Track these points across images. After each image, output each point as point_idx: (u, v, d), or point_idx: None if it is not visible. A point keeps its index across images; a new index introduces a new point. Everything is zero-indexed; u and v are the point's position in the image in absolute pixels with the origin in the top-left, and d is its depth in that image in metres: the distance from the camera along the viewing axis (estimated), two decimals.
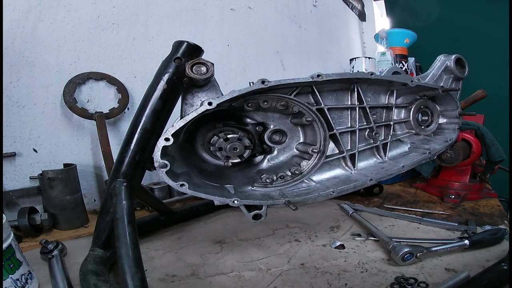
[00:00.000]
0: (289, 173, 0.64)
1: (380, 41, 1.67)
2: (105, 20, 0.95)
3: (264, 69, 1.44)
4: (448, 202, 0.92)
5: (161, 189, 0.96)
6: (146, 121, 0.54)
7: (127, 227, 0.47)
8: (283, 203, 0.57)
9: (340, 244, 0.67)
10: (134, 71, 1.02)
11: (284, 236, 0.72)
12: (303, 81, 0.57)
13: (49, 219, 0.74)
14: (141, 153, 0.55)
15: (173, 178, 0.51)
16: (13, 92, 0.81)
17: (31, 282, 0.50)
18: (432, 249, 0.59)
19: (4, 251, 0.46)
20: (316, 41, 1.77)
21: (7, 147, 0.81)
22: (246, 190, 0.61)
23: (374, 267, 0.58)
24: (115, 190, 0.53)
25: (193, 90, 0.55)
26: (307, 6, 1.71)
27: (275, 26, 1.50)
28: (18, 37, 0.81)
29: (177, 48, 0.54)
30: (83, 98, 0.92)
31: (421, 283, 0.52)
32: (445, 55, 0.81)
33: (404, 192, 1.05)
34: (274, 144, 0.66)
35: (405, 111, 0.79)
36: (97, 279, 0.48)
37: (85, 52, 0.92)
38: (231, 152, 0.60)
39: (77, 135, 0.93)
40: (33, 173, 0.83)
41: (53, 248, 0.60)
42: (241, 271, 0.58)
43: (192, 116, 0.51)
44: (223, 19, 1.27)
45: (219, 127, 0.62)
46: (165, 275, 0.57)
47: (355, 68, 1.60)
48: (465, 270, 0.52)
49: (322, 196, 0.61)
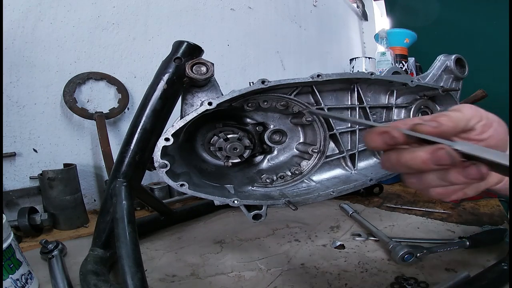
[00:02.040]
0: (289, 173, 0.64)
1: (380, 41, 1.67)
2: (105, 20, 0.95)
3: (264, 69, 1.44)
4: (448, 202, 0.92)
5: (161, 189, 0.96)
6: (146, 121, 0.54)
7: (127, 227, 0.47)
8: (283, 203, 0.57)
9: (340, 244, 0.67)
10: (134, 71, 1.02)
11: (284, 236, 0.72)
12: (303, 81, 0.57)
13: (49, 219, 0.74)
14: (141, 153, 0.55)
15: (173, 178, 0.51)
16: (13, 92, 0.81)
17: (31, 282, 0.50)
18: (432, 249, 0.59)
19: (4, 251, 0.46)
20: (316, 41, 1.77)
21: (7, 147, 0.81)
22: (246, 190, 0.61)
23: (374, 267, 0.58)
24: (115, 190, 0.53)
25: (193, 90, 0.55)
26: (307, 6, 1.71)
27: (275, 26, 1.50)
28: (18, 37, 0.81)
29: (177, 48, 0.54)
30: (83, 98, 0.92)
31: (421, 283, 0.52)
32: (445, 55, 0.81)
33: (404, 192, 1.05)
34: (274, 144, 0.66)
35: (405, 111, 0.78)
36: (97, 279, 0.48)
37: (85, 52, 0.92)
38: (231, 152, 0.60)
39: (77, 135, 0.93)
40: (33, 173, 0.83)
41: (53, 248, 0.60)
42: (241, 271, 0.58)
43: (192, 116, 0.51)
44: (223, 19, 1.27)
45: (219, 127, 0.62)
46: (165, 275, 0.57)
47: (355, 68, 1.59)
48: (465, 270, 0.52)
49: (322, 196, 0.61)
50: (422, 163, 0.26)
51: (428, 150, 0.26)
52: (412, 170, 0.28)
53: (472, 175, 0.25)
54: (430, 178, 0.27)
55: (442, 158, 0.25)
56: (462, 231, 0.72)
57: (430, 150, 0.26)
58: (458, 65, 0.81)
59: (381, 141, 0.28)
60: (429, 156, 0.26)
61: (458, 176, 0.26)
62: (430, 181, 0.28)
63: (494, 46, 1.82)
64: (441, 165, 0.25)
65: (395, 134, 0.27)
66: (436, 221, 0.79)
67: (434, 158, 0.25)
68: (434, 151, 0.25)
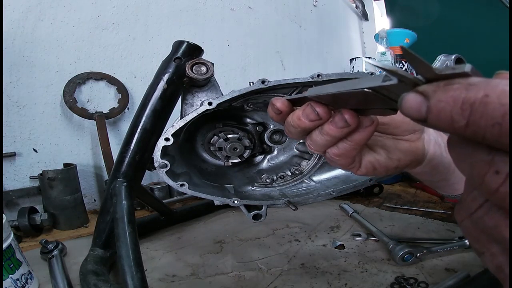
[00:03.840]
0: (289, 173, 0.64)
1: (380, 41, 1.67)
2: (105, 20, 0.95)
3: (264, 69, 1.44)
4: (448, 202, 0.92)
5: (161, 189, 0.96)
6: (146, 121, 0.54)
7: (127, 227, 0.47)
8: (283, 203, 0.57)
9: (340, 244, 0.67)
10: (134, 71, 1.02)
11: (284, 236, 0.72)
12: (303, 81, 0.56)
13: (49, 219, 0.74)
14: (141, 153, 0.55)
15: (173, 178, 0.51)
16: (13, 92, 0.81)
17: (31, 282, 0.50)
18: (432, 249, 0.59)
19: (4, 251, 0.46)
20: (316, 41, 1.77)
21: (7, 147, 0.81)
22: (246, 190, 0.61)
23: (374, 267, 0.58)
24: (115, 190, 0.53)
25: (193, 90, 0.55)
26: (307, 6, 1.71)
27: (275, 26, 1.50)
28: (18, 37, 0.81)
29: (177, 48, 0.54)
30: (83, 98, 0.92)
31: (421, 283, 0.52)
32: (445, 55, 0.81)
33: (404, 192, 1.05)
34: (274, 144, 0.66)
35: None
36: (97, 279, 0.48)
37: (85, 52, 0.92)
38: (231, 152, 0.60)
39: (77, 135, 0.93)
40: (33, 173, 0.83)
41: (53, 248, 0.60)
42: (241, 271, 0.58)
43: (192, 116, 0.51)
44: (223, 19, 1.27)
45: (219, 127, 0.62)
46: (165, 275, 0.57)
47: (355, 68, 1.60)
48: (465, 270, 0.52)
49: (322, 196, 0.61)
50: (297, 119, 0.29)
51: (301, 108, 0.29)
52: (298, 130, 0.30)
53: (338, 123, 0.27)
54: (315, 134, 0.30)
55: (308, 111, 0.28)
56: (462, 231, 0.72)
57: (302, 107, 0.29)
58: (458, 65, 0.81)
59: (271, 111, 0.31)
60: (300, 112, 0.29)
61: (329, 127, 0.28)
62: (315, 138, 0.30)
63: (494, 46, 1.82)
64: (312, 119, 0.28)
65: (277, 103, 0.31)
66: (436, 221, 0.79)
67: (304, 113, 0.29)
68: (304, 107, 0.29)
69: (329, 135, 0.29)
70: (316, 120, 0.28)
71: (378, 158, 0.35)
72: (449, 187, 0.46)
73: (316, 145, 0.31)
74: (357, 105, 0.26)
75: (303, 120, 0.29)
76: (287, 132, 0.32)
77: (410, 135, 0.36)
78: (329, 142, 0.30)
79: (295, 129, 0.30)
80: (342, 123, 0.27)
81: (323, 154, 0.32)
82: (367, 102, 0.23)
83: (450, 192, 0.48)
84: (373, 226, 0.72)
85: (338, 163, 0.32)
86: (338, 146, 0.30)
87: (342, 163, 0.32)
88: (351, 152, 0.31)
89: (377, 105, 0.23)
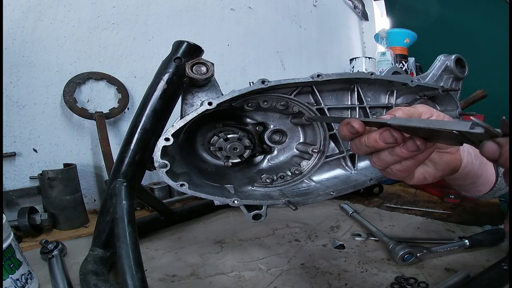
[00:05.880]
0: (289, 173, 0.64)
1: (380, 41, 1.67)
2: (105, 20, 0.95)
3: (264, 69, 1.44)
4: (448, 202, 0.92)
5: (161, 189, 0.96)
6: (146, 121, 0.54)
7: (127, 227, 0.47)
8: (283, 203, 0.57)
9: (340, 244, 0.67)
10: (134, 71, 1.02)
11: (284, 236, 0.72)
12: (303, 81, 0.57)
13: (49, 219, 0.74)
14: (141, 153, 0.55)
15: (173, 178, 0.51)
16: (13, 92, 0.81)
17: (31, 282, 0.50)
18: (432, 249, 0.59)
19: (4, 251, 0.46)
20: (316, 41, 1.77)
21: (7, 147, 0.81)
22: (246, 190, 0.61)
23: (374, 267, 0.58)
24: (115, 190, 0.53)
25: (193, 90, 0.55)
26: (307, 6, 1.71)
27: (275, 26, 1.50)
28: (18, 37, 0.81)
29: (177, 48, 0.54)
30: (83, 98, 0.92)
31: (421, 283, 0.52)
32: (445, 55, 0.81)
33: (404, 192, 1.05)
34: (274, 144, 0.66)
35: None
36: (97, 279, 0.48)
37: (85, 52, 0.92)
38: (231, 152, 0.60)
39: (77, 135, 0.93)
40: (33, 173, 0.83)
41: (53, 248, 0.60)
42: (241, 271, 0.58)
43: (192, 116, 0.51)
44: (223, 19, 1.27)
45: (219, 127, 0.62)
46: (165, 275, 0.57)
47: (355, 68, 1.60)
48: (465, 270, 0.52)
49: (322, 196, 0.61)
50: (374, 141, 0.34)
51: (378, 131, 0.34)
52: (370, 149, 0.35)
53: (410, 147, 0.33)
54: (384, 154, 0.35)
55: (386, 136, 0.33)
56: (462, 231, 0.72)
57: (380, 131, 0.34)
58: (458, 65, 0.81)
59: (346, 130, 0.36)
60: (378, 135, 0.34)
61: (401, 150, 0.33)
62: (384, 157, 0.35)
63: (494, 46, 1.82)
64: (388, 143, 0.33)
65: (354, 124, 0.35)
66: (436, 221, 0.79)
67: (381, 136, 0.34)
68: (382, 131, 0.34)
69: (399, 156, 0.34)
70: (392, 144, 0.34)
71: (428, 170, 0.41)
72: (475, 189, 0.54)
73: (383, 162, 0.36)
74: (430, 135, 0.31)
75: (379, 142, 0.34)
76: (356, 149, 0.37)
77: (451, 148, 0.43)
78: (396, 161, 0.35)
79: (368, 148, 0.35)
80: (414, 147, 0.32)
81: (384, 168, 0.37)
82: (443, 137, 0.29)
83: (475, 194, 0.56)
84: (373, 226, 0.72)
85: (397, 176, 0.38)
86: (402, 163, 0.36)
87: (400, 176, 0.38)
88: (412, 168, 0.36)
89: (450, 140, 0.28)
